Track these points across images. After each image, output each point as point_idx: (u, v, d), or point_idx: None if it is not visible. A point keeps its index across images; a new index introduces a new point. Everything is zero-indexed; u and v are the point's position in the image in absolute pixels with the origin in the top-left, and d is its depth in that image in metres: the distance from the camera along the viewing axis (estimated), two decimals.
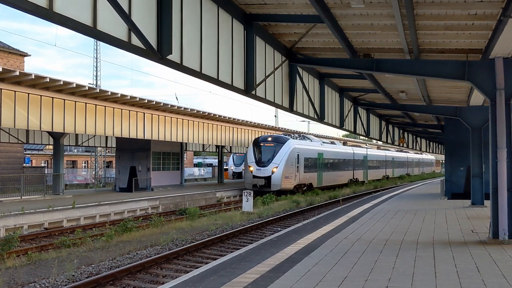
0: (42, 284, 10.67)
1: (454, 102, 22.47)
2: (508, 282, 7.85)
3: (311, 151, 40.42)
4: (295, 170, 36.74)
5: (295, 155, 36.65)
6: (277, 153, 35.74)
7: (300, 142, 39.31)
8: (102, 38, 7.61)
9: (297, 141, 38.92)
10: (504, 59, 11.91)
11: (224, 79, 11.31)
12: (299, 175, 37.56)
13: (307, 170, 39.24)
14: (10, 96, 22.04)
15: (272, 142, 36.97)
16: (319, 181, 41.90)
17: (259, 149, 36.80)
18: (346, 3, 10.35)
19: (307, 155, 39.10)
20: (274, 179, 35.12)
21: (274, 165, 35.32)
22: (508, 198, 11.57)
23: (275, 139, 37.50)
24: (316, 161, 41.23)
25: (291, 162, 36.05)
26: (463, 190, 25.86)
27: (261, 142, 37.41)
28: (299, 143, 38.58)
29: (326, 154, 43.86)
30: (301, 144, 39.06)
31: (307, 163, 39.19)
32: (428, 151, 67.50)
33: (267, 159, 35.90)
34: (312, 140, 43.26)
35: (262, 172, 35.42)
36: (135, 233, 17.43)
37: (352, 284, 7.76)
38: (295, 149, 36.96)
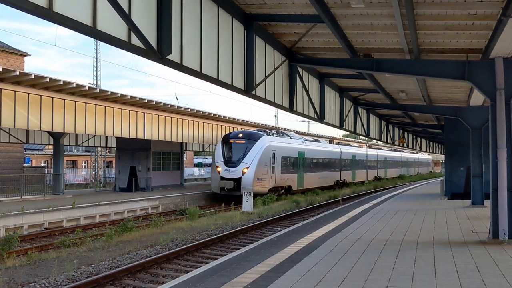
0: (42, 284, 10.67)
1: (454, 102, 22.47)
2: (508, 282, 7.85)
3: (290, 149, 35.89)
4: (270, 170, 32.25)
5: (270, 154, 32.28)
6: (249, 151, 31.21)
7: (276, 139, 34.61)
8: (102, 38, 7.61)
9: (273, 137, 34.27)
10: (504, 59, 11.91)
11: (224, 79, 11.31)
12: (275, 176, 33.11)
13: (285, 170, 34.82)
14: (10, 96, 22.04)
15: (244, 138, 32.23)
16: (300, 183, 37.49)
17: (229, 146, 32.30)
18: (346, 3, 10.35)
19: (285, 153, 34.71)
20: (244, 182, 30.42)
21: (245, 165, 30.79)
22: (508, 198, 11.57)
23: (246, 135, 32.83)
24: (296, 161, 36.72)
25: (265, 162, 31.60)
26: (463, 190, 25.86)
27: (231, 139, 32.72)
28: (275, 140, 33.96)
29: (309, 153, 39.31)
30: (278, 141, 34.51)
31: (285, 162, 34.82)
32: (428, 151, 67.30)
33: (237, 158, 31.43)
34: (292, 137, 38.49)
35: (231, 173, 30.89)
36: (135, 233, 17.43)
37: (352, 284, 7.76)
38: (270, 146, 32.51)
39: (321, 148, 43.07)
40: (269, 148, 32.22)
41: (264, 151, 31.61)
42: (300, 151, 37.49)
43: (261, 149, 31.44)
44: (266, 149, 31.81)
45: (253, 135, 32.77)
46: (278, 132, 37.87)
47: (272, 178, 32.61)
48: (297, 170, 36.98)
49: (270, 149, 32.32)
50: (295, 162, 36.52)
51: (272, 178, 32.61)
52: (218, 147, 32.70)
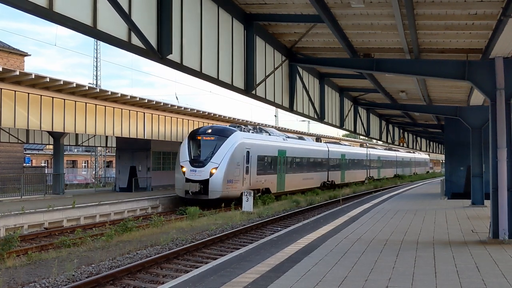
0: (42, 284, 10.67)
1: (454, 102, 22.47)
2: (508, 282, 7.85)
3: (267, 147, 32.06)
4: (243, 171, 28.58)
5: (243, 152, 28.58)
6: (218, 149, 27.56)
7: (252, 135, 30.99)
8: (102, 38, 7.61)
9: (248, 134, 30.60)
10: (504, 59, 11.91)
11: (224, 79, 11.31)
12: (250, 177, 29.30)
13: (262, 171, 31.12)
14: (10, 96, 22.04)
15: (213, 134, 28.48)
16: (280, 185, 33.73)
17: (196, 144, 28.61)
18: (346, 3, 10.34)
19: (262, 152, 31.00)
20: (212, 184, 26.89)
21: (213, 165, 27.08)
22: (508, 198, 11.57)
23: (216, 131, 29.08)
24: (275, 160, 32.98)
25: (237, 161, 28.00)
26: (463, 190, 25.87)
27: (198, 135, 28.87)
28: (250, 137, 30.34)
29: (291, 152, 35.45)
30: (254, 138, 30.78)
31: (262, 162, 31.18)
32: (428, 151, 67.18)
33: (205, 157, 27.77)
34: (272, 134, 34.47)
35: (197, 174, 27.19)
36: (135, 233, 17.43)
37: (352, 284, 7.76)
38: (244, 144, 28.81)
39: (305, 146, 39.13)
40: (242, 146, 28.58)
41: (236, 149, 27.99)
42: (280, 149, 33.74)
43: (233, 147, 27.79)
44: (238, 147, 28.17)
45: (224, 131, 29.11)
46: (256, 128, 34.07)
47: (246, 180, 28.79)
48: (277, 171, 33.26)
49: (243, 147, 28.66)
50: (274, 161, 32.89)
51: (245, 180, 28.79)
52: (184, 144, 28.94)
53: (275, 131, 36.34)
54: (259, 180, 30.61)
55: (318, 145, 43.36)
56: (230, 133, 28.73)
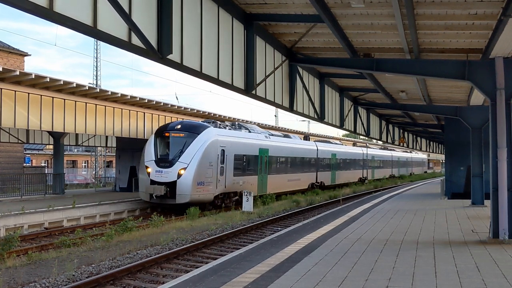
0: (42, 283, 10.67)
1: (454, 101, 22.47)
2: (508, 281, 7.85)
3: (246, 146, 28.84)
4: (217, 172, 25.40)
5: (217, 151, 25.41)
6: (188, 147, 24.48)
7: (228, 132, 27.73)
8: (102, 37, 7.62)
9: (223, 130, 27.31)
10: (504, 59, 11.91)
11: (224, 78, 11.31)
12: (225, 179, 26.17)
13: (240, 172, 27.92)
14: (10, 96, 22.05)
15: (182, 131, 25.37)
16: (262, 187, 30.57)
17: (163, 141, 25.54)
18: (346, 3, 10.35)
19: (239, 150, 27.84)
20: (180, 186, 23.80)
21: (182, 165, 23.98)
22: (508, 197, 11.57)
23: (186, 126, 25.89)
24: (256, 160, 29.83)
25: (209, 161, 24.81)
26: (463, 190, 25.87)
27: (166, 131, 25.74)
28: (226, 134, 27.07)
29: (274, 150, 32.37)
30: (230, 135, 27.54)
31: (240, 162, 27.96)
32: (428, 151, 67.09)
33: (172, 156, 24.69)
34: (252, 131, 31.25)
35: (163, 175, 24.13)
36: (135, 232, 17.43)
37: (352, 284, 7.76)
38: (218, 142, 25.62)
39: (290, 144, 35.79)
40: (215, 144, 25.35)
41: (209, 147, 24.77)
42: (262, 147, 30.51)
43: (204, 145, 24.57)
44: (211, 145, 24.99)
45: (195, 127, 25.87)
46: (234, 124, 30.96)
47: (220, 182, 25.60)
48: (258, 172, 30.02)
49: (217, 145, 25.47)
50: (254, 161, 29.64)
51: (220, 182, 25.61)
52: (150, 142, 25.82)
53: (256, 128, 32.95)
54: (236, 182, 27.39)
55: (306, 144, 40.15)
56: (202, 129, 25.45)
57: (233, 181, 27.04)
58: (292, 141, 36.86)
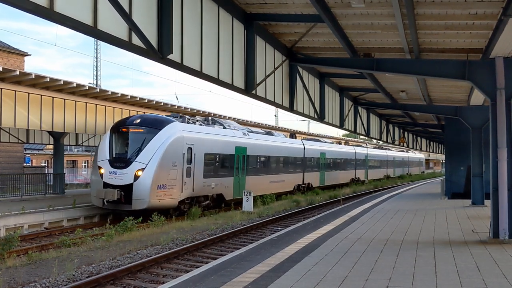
0: (42, 283, 10.67)
1: (454, 101, 22.48)
2: (508, 281, 7.85)
3: (220, 144, 25.47)
4: (183, 174, 22.11)
5: (182, 149, 22.11)
6: (147, 145, 21.28)
7: (197, 128, 24.11)
8: (102, 37, 7.62)
9: (192, 126, 23.87)
10: (505, 59, 11.92)
11: (225, 78, 11.32)
12: (193, 182, 22.91)
13: (212, 173, 24.69)
14: (11, 95, 22.05)
15: (141, 126, 22.06)
16: (238, 190, 27.08)
17: (120, 138, 22.24)
18: (347, 3, 10.35)
19: (211, 149, 24.50)
20: (137, 190, 20.56)
21: (139, 166, 20.79)
22: (508, 197, 11.58)
23: (146, 121, 22.47)
24: (232, 160, 26.65)
25: (172, 161, 21.58)
26: (463, 189, 25.88)
27: (123, 127, 22.43)
28: (194, 130, 23.59)
29: (253, 149, 29.06)
30: (199, 131, 23.98)
31: (212, 162, 24.69)
32: (428, 151, 66.99)
33: (129, 155, 21.47)
34: (228, 127, 27.74)
35: (118, 177, 20.96)
36: (135, 232, 17.43)
37: (352, 283, 7.76)
38: (184, 139, 22.35)
39: (273, 142, 32.36)
40: (180, 141, 22.12)
41: (172, 144, 21.54)
42: (239, 146, 27.25)
43: (167, 142, 21.34)
44: (175, 142, 21.73)
45: (156, 122, 22.49)
46: (207, 119, 27.24)
47: (186, 184, 22.35)
48: (234, 173, 26.85)
49: (182, 142, 22.20)
50: (230, 161, 26.51)
51: (186, 185, 22.35)
52: (105, 138, 22.55)
53: (233, 124, 29.41)
54: (207, 184, 24.22)
55: (291, 142, 36.82)
56: (164, 124, 22.15)
57: (203, 183, 23.79)
58: (275, 139, 33.49)
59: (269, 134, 33.70)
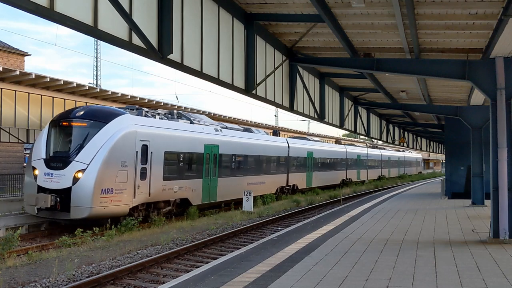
0: (42, 283, 10.67)
1: (454, 101, 22.48)
2: (508, 281, 7.85)
3: (185, 141, 21.84)
4: (135, 175, 18.57)
5: (134, 147, 18.54)
6: (90, 141, 17.77)
7: (155, 122, 20.30)
8: (103, 37, 7.62)
9: (147, 120, 19.95)
10: (505, 59, 11.92)
11: (225, 78, 11.32)
12: (149, 185, 19.32)
13: (175, 175, 21.09)
14: (11, 95, 22.06)
15: (85, 119, 18.34)
16: (209, 194, 23.64)
17: (60, 133, 18.62)
18: (347, 3, 10.36)
19: (173, 146, 21.00)
20: (76, 196, 17.18)
21: (79, 166, 17.40)
22: (508, 197, 11.58)
23: (90, 113, 18.60)
24: (200, 159, 22.91)
25: (121, 160, 17.95)
26: (463, 189, 25.89)
27: (63, 120, 18.73)
28: (151, 124, 19.84)
29: (227, 147, 25.45)
30: (158, 126, 20.27)
31: (174, 162, 21.18)
32: (428, 151, 66.97)
33: (68, 153, 17.97)
34: (196, 122, 23.85)
35: (54, 180, 17.55)
36: (135, 232, 17.42)
37: (352, 283, 7.76)
38: (136, 134, 18.67)
39: (252, 140, 28.89)
40: (132, 137, 18.48)
41: (121, 141, 18.01)
42: (209, 143, 23.69)
43: (114, 138, 17.83)
44: (125, 138, 18.19)
45: (102, 114, 18.73)
46: (172, 113, 23.22)
47: (140, 188, 18.84)
48: (204, 174, 23.18)
49: (134, 138, 18.59)
50: (198, 161, 22.85)
51: (140, 189, 18.84)
52: (42, 134, 19.02)
53: (204, 119, 25.43)
54: (168, 187, 20.61)
55: (274, 140, 33.17)
56: (112, 116, 18.54)
57: (163, 187, 20.19)
58: (254, 136, 29.92)
59: (248, 131, 30.42)
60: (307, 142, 39.65)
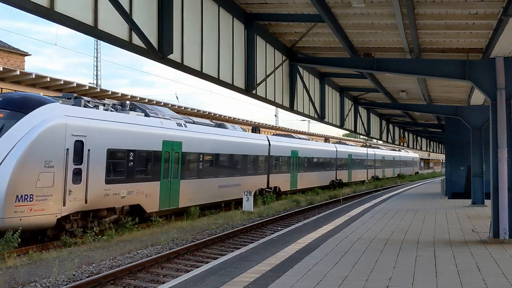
0: (43, 283, 10.67)
1: (454, 101, 22.49)
2: (508, 281, 7.86)
3: (135, 137, 18.15)
4: (66, 178, 15.23)
5: (64, 142, 15.21)
6: (3, 135, 14.45)
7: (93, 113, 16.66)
8: (103, 37, 7.62)
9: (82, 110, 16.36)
10: (505, 59, 11.93)
11: (225, 78, 11.32)
12: (85, 190, 15.89)
13: (122, 177, 17.53)
14: None
15: (2, 108, 14.98)
16: (168, 199, 20.16)
17: None
18: (347, 3, 10.36)
19: (118, 143, 17.34)
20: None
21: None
22: (508, 197, 11.59)
23: (8, 101, 15.21)
24: (158, 159, 19.45)
25: (45, 159, 14.64)
26: (463, 189, 25.90)
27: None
28: (87, 116, 16.31)
29: (193, 145, 22.00)
30: (97, 118, 16.65)
31: (121, 162, 17.55)
32: (428, 151, 66.94)
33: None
34: (153, 114, 20.15)
35: None
36: (135, 232, 17.43)
37: (352, 283, 7.77)
38: (67, 127, 15.34)
39: (224, 137, 25.32)
40: (60, 130, 15.13)
41: (44, 135, 14.67)
42: (169, 140, 20.18)
43: (36, 131, 14.53)
44: (50, 131, 14.85)
45: (22, 102, 15.25)
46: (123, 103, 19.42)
47: (73, 193, 15.47)
48: (161, 176, 19.70)
49: (64, 132, 15.24)
50: (155, 160, 19.33)
51: (73, 194, 15.46)
52: None
53: (163, 111, 21.58)
54: (113, 192, 17.02)
55: (252, 137, 29.58)
56: (34, 105, 15.12)
57: (105, 191, 16.65)
58: (227, 132, 26.26)
59: (221, 126, 26.81)
60: (292, 140, 36.19)
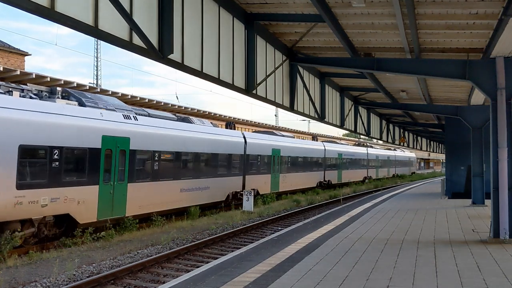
0: (43, 283, 10.67)
1: (454, 101, 22.49)
2: (509, 281, 7.86)
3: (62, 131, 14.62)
4: None
5: None
6: None
7: (1, 100, 13.07)
8: (103, 37, 7.63)
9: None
10: (505, 58, 11.93)
11: (225, 78, 11.33)
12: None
13: (42, 181, 14.01)
14: None
15: None
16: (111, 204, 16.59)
17: None
18: (347, 2, 10.37)
19: (34, 139, 13.78)
20: None
21: None
22: (508, 197, 11.59)
23: None
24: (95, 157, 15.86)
25: None
26: (463, 189, 25.90)
27: None
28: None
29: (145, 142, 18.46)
30: (2, 104, 12.99)
31: (41, 161, 14.13)
32: (428, 150, 66.89)
33: None
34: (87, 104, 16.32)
35: None
36: (136, 232, 17.43)
37: (353, 283, 7.77)
38: None
39: (188, 133, 21.62)
40: None
41: None
42: (111, 135, 16.60)
43: None
44: None
45: None
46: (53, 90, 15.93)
47: None
48: (100, 178, 16.13)
49: None
50: (92, 159, 15.77)
51: None
52: None
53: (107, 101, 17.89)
54: (28, 200, 13.58)
55: (224, 134, 25.72)
56: None
57: (16, 199, 13.23)
58: (192, 127, 22.42)
59: (185, 121, 22.98)
60: (273, 137, 32.52)
